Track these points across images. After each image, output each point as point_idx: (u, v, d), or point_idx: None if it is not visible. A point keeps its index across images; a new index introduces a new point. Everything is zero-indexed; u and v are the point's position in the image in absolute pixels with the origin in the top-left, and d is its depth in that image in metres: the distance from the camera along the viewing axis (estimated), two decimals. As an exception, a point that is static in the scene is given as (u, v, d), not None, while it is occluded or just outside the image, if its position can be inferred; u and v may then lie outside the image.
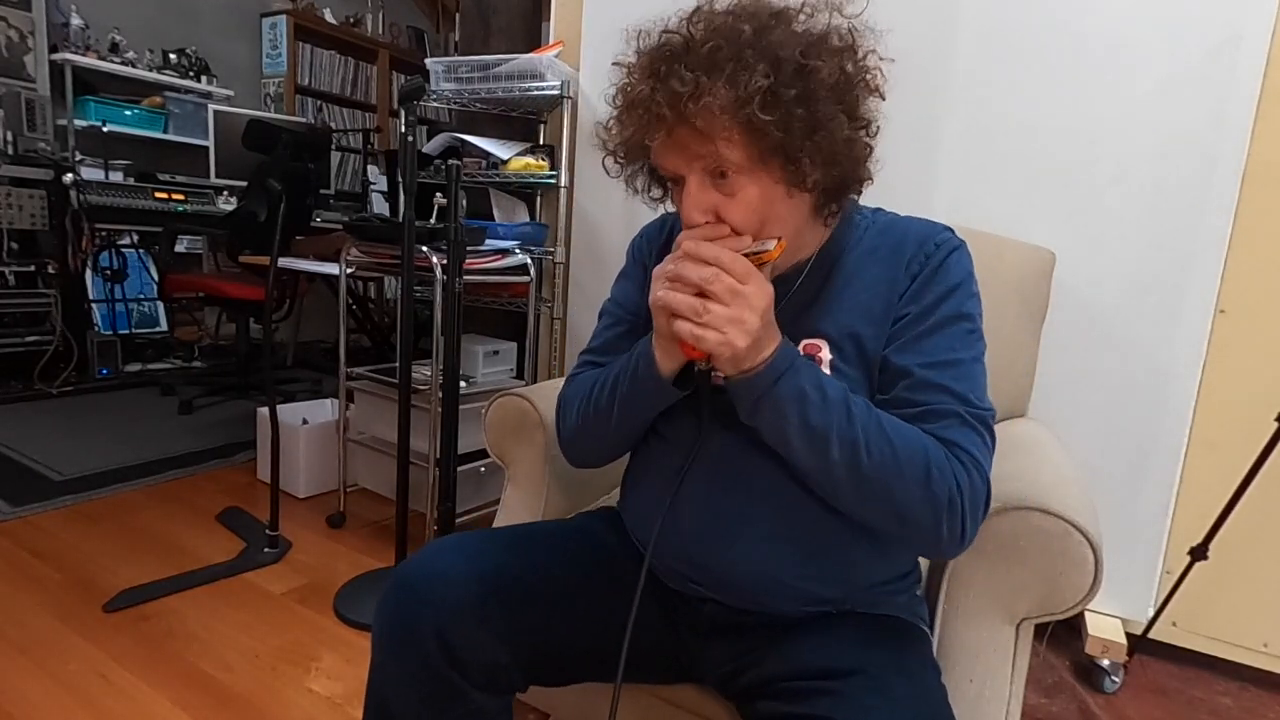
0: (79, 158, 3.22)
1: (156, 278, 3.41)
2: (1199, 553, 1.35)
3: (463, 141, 1.97)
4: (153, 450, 2.33)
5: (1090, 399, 1.44)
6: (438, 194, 1.71)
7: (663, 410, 0.75)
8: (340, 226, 2.92)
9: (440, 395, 1.49)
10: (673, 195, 0.73)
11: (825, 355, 0.71)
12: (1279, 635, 1.42)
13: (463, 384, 1.70)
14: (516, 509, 1.07)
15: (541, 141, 2.11)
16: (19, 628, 1.36)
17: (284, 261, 2.02)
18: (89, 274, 3.18)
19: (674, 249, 0.65)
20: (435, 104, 2.02)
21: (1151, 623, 1.43)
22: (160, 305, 3.62)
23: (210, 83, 3.95)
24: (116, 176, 3.25)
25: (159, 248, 3.38)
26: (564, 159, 1.91)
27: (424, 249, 1.54)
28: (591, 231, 1.96)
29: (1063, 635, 1.53)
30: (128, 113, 3.56)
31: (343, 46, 4.70)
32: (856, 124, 0.65)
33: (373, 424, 1.95)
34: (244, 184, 2.91)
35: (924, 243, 0.72)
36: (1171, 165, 1.33)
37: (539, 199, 2.14)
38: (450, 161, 1.48)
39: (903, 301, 0.71)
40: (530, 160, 1.93)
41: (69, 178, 2.88)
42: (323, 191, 3.44)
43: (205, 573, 1.59)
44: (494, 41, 2.25)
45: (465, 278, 1.51)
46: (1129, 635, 1.44)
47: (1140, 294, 1.38)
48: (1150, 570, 1.45)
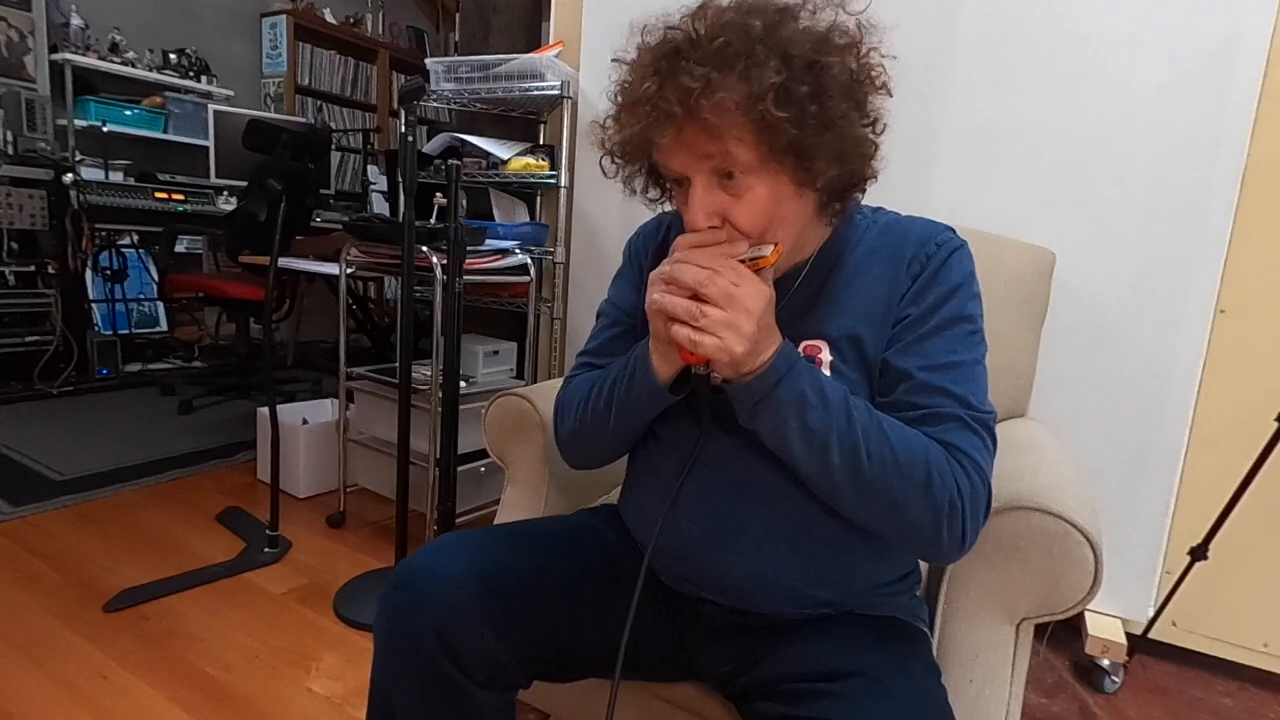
0: (79, 158, 3.22)
1: (156, 278, 3.41)
2: (1199, 553, 1.35)
3: (463, 141, 1.96)
4: (153, 450, 2.33)
5: (1090, 399, 1.43)
6: (438, 194, 1.72)
7: (661, 412, 0.75)
8: (340, 226, 2.93)
9: (440, 395, 1.49)
10: (673, 196, 0.72)
11: (825, 357, 0.71)
12: (1279, 635, 1.42)
13: (463, 384, 1.70)
14: (516, 509, 1.07)
15: (541, 141, 2.11)
16: (19, 628, 1.36)
17: (284, 261, 2.02)
18: (89, 274, 3.18)
19: (671, 251, 0.64)
20: (435, 104, 2.02)
21: (1151, 623, 1.43)
22: (160, 305, 3.62)
23: (210, 83, 3.95)
24: (116, 176, 3.25)
25: (159, 248, 3.36)
26: (564, 159, 1.92)
27: (424, 249, 1.54)
28: (591, 231, 1.96)
29: (1063, 635, 1.52)
30: (128, 113, 3.56)
31: (343, 46, 4.70)
32: (865, 121, 0.64)
33: (373, 424, 1.95)
34: (244, 184, 2.91)
35: (925, 243, 0.71)
36: (1171, 165, 1.33)
37: (539, 199, 2.14)
38: (450, 161, 1.48)
39: (903, 303, 0.70)
40: (530, 160, 1.93)
41: (69, 178, 2.88)
42: (323, 191, 3.45)
43: (205, 573, 1.59)
44: (494, 41, 2.24)
45: (465, 278, 1.51)
46: (1129, 635, 1.44)
47: (1140, 294, 1.38)
48: (1150, 570, 1.45)
